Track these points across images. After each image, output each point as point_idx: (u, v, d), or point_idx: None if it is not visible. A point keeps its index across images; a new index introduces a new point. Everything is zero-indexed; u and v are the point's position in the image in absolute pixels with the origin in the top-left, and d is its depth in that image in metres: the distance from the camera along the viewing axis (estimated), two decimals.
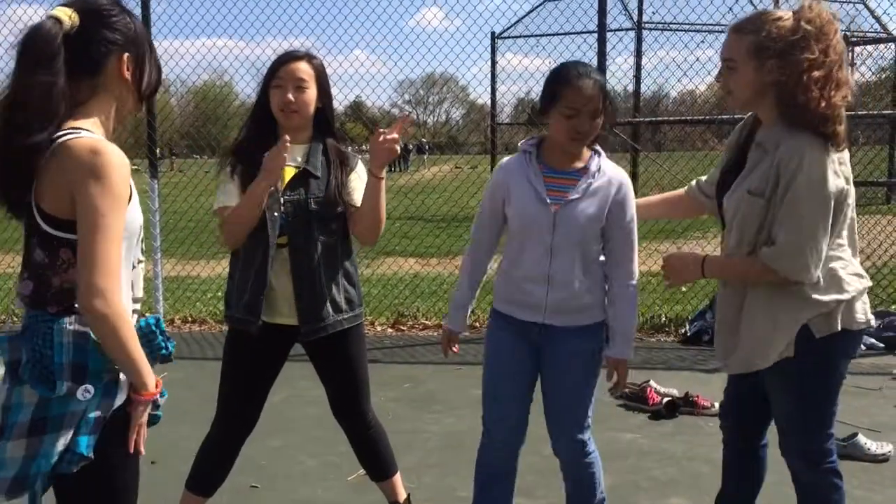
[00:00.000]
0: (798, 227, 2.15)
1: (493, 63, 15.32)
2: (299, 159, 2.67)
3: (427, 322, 6.51)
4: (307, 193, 2.63)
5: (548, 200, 2.41)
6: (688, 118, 9.23)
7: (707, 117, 8.85)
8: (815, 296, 2.23)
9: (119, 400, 1.72)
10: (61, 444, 1.64)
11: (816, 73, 2.14)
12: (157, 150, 6.81)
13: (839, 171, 2.20)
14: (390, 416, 3.02)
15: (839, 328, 2.25)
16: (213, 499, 2.86)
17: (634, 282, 2.47)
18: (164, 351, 1.83)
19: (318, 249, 2.64)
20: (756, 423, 2.57)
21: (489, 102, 16.86)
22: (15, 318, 6.92)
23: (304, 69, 2.63)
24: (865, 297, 2.33)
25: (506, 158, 2.58)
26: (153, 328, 1.81)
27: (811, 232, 2.16)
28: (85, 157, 1.63)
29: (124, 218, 1.66)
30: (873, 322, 2.39)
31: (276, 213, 2.59)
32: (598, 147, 2.49)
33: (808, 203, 2.14)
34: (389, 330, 6.42)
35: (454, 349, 2.69)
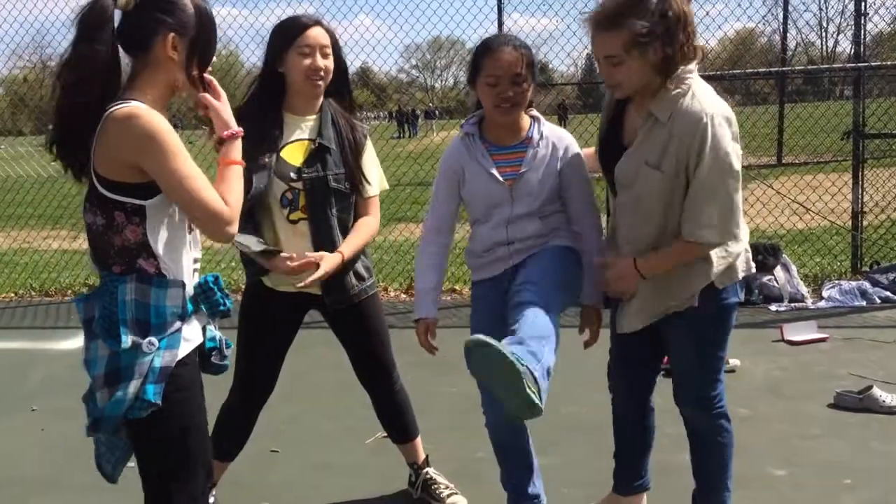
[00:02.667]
0: (720, 201, 2.22)
1: (500, 24, 15.12)
2: (310, 134, 2.66)
3: None
4: (325, 169, 2.63)
5: (500, 178, 2.46)
6: (699, 74, 9.08)
7: (718, 72, 8.72)
8: (722, 252, 2.32)
9: (183, 351, 1.83)
10: (132, 391, 1.77)
11: (690, 29, 2.21)
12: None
13: (733, 133, 2.26)
14: (407, 379, 3.06)
15: (738, 278, 2.39)
16: (234, 464, 2.91)
17: (601, 236, 2.54)
18: (222, 307, 1.94)
19: (336, 223, 2.66)
20: (644, 381, 2.67)
21: None
22: (33, 293, 7.00)
23: (325, 35, 2.60)
24: (746, 248, 2.44)
25: (448, 146, 2.59)
26: (211, 285, 1.92)
27: (732, 203, 2.23)
28: (127, 124, 1.74)
29: (190, 159, 1.79)
30: (753, 269, 2.49)
31: (261, 186, 2.56)
32: (535, 113, 2.52)
33: (720, 176, 2.20)
34: (403, 295, 6.45)
35: (433, 342, 2.58)
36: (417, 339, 2.59)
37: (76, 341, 5.48)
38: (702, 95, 2.24)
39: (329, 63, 2.61)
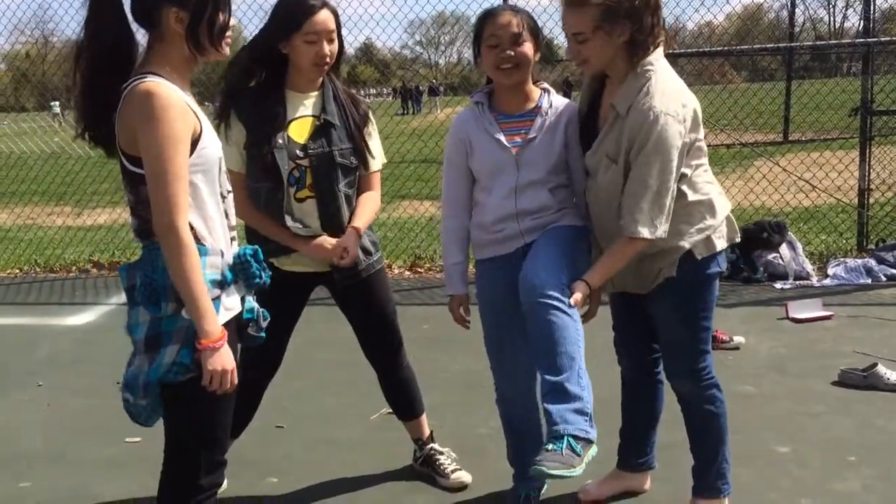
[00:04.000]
0: (650, 197, 2.24)
1: None
2: (314, 110, 2.63)
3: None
4: (330, 145, 2.61)
5: (507, 144, 2.46)
6: (706, 50, 9.01)
7: (725, 48, 8.64)
8: (699, 223, 2.37)
9: (223, 318, 1.87)
10: (170, 356, 1.82)
11: (657, 15, 2.26)
12: None
13: (685, 127, 2.26)
14: (410, 356, 3.06)
15: (716, 248, 2.41)
16: (240, 439, 2.92)
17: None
18: (257, 280, 1.97)
19: (343, 199, 2.65)
20: (648, 353, 2.70)
21: None
22: (37, 269, 7.01)
23: (331, 19, 2.56)
24: (728, 217, 2.47)
25: (457, 115, 2.59)
26: (248, 258, 1.95)
27: (661, 200, 2.25)
28: (138, 101, 1.76)
29: (186, 154, 1.79)
30: (737, 238, 2.51)
31: (285, 167, 2.55)
32: (545, 85, 2.54)
33: (657, 173, 2.23)
34: (407, 272, 6.45)
35: (467, 317, 2.62)
36: (451, 315, 2.63)
37: (81, 317, 5.50)
38: (658, 91, 2.25)
39: (335, 47, 2.58)
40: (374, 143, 2.75)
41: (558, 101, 2.52)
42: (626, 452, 2.82)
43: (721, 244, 2.44)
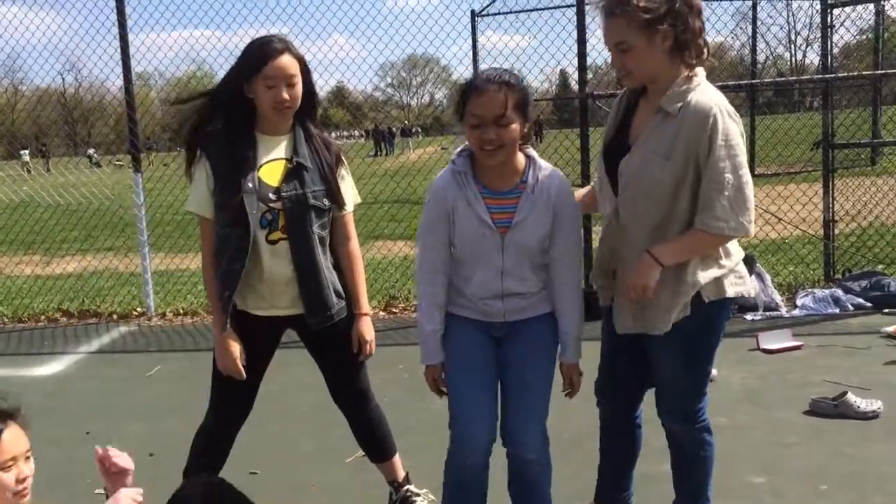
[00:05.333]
0: (731, 193, 2.22)
1: (475, 42, 15.24)
2: (285, 153, 2.65)
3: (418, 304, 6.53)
4: (303, 187, 2.62)
5: (493, 226, 2.39)
6: None
7: None
8: (711, 264, 2.33)
9: None
10: None
11: (701, 21, 2.25)
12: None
13: (741, 130, 2.28)
14: (386, 398, 3.05)
15: (727, 294, 2.36)
16: None
17: (582, 286, 2.53)
18: None
19: (316, 241, 2.65)
20: (633, 396, 2.68)
21: None
22: (6, 319, 6.89)
23: (291, 64, 2.57)
24: (741, 267, 2.43)
25: (437, 178, 2.48)
26: None
27: (743, 196, 2.23)
28: None
29: None
30: (752, 292, 2.50)
31: (254, 212, 2.56)
32: (531, 152, 2.43)
33: (731, 169, 2.21)
34: (381, 313, 6.44)
35: (443, 387, 2.55)
36: (427, 384, 2.57)
37: (50, 367, 5.40)
38: (711, 91, 2.27)
39: (296, 91, 2.59)
40: (347, 184, 2.77)
41: (544, 171, 2.43)
42: (603, 490, 2.81)
43: (731, 291, 2.38)
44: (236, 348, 2.63)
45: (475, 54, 16.03)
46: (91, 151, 27.33)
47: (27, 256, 8.86)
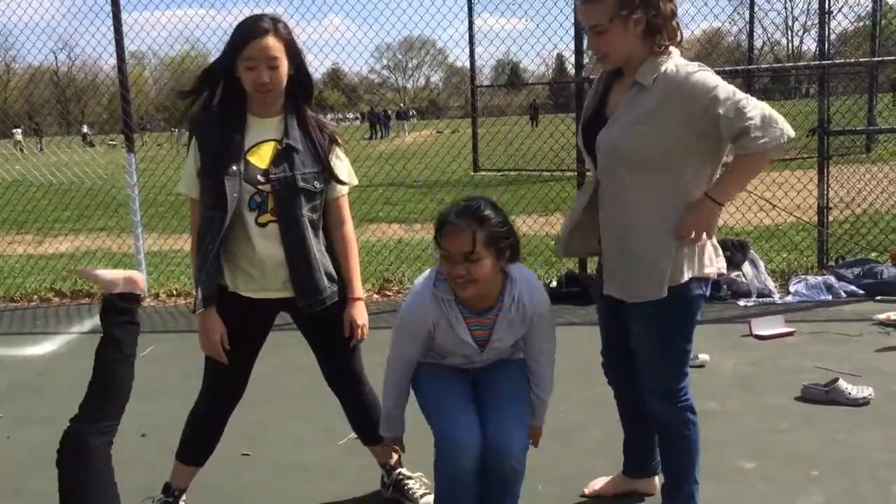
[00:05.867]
0: (750, 113, 2.25)
1: (471, 24, 15.16)
2: (276, 134, 2.63)
3: (412, 287, 6.52)
4: (293, 169, 2.59)
5: (472, 343, 2.51)
6: None
7: None
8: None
9: None
10: None
11: (672, 4, 2.35)
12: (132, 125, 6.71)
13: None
14: (377, 380, 3.05)
15: (705, 271, 2.44)
16: (207, 467, 2.88)
17: (551, 390, 2.66)
18: None
19: (306, 224, 2.63)
20: (635, 370, 2.72)
21: (468, 65, 16.76)
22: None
23: (274, 46, 2.52)
24: (716, 246, 2.50)
25: (415, 295, 2.51)
26: None
27: (761, 108, 2.26)
28: None
29: None
30: (724, 270, 2.53)
31: (234, 195, 2.54)
32: (510, 270, 2.45)
33: (734, 103, 2.25)
34: (375, 295, 6.44)
35: (403, 452, 2.83)
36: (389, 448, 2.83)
37: (42, 347, 5.39)
38: (682, 62, 2.35)
39: (278, 73, 2.54)
40: (342, 166, 2.74)
41: (520, 289, 2.46)
42: (630, 461, 2.89)
43: (709, 270, 2.45)
44: (216, 330, 2.62)
45: (471, 37, 15.96)
46: (85, 129, 27.17)
47: (19, 236, 8.82)
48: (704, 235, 2.40)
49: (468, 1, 14.86)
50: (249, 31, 2.52)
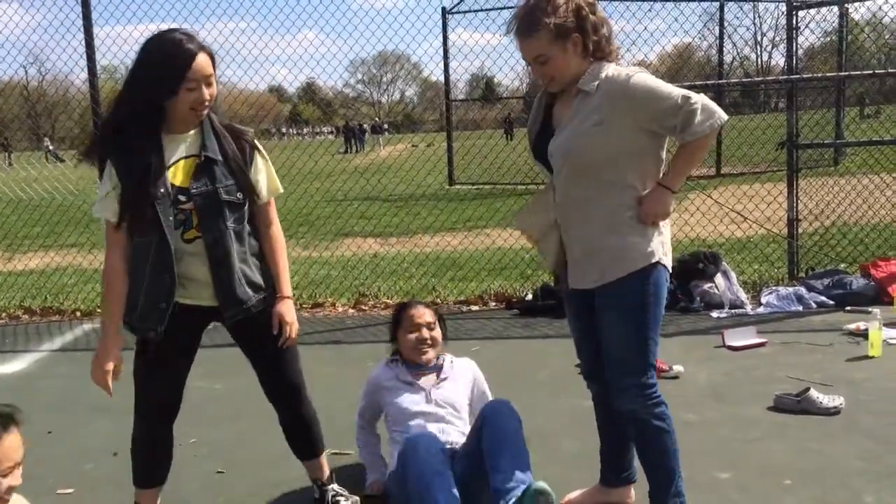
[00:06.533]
0: (688, 104, 2.42)
1: (445, 39, 15.22)
2: (193, 150, 2.58)
3: (388, 301, 6.52)
4: (214, 183, 2.56)
5: (420, 384, 3.13)
6: None
7: None
8: (650, 230, 2.54)
9: None
10: None
11: (606, 29, 2.53)
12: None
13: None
14: (355, 395, 3.05)
15: (663, 259, 2.56)
16: (180, 485, 2.85)
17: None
18: None
19: (231, 236, 2.60)
20: None
21: (443, 79, 16.83)
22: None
23: (207, 63, 2.48)
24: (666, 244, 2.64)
25: (376, 371, 3.26)
26: None
27: (690, 98, 2.43)
28: None
29: None
30: (668, 261, 2.62)
31: (171, 218, 2.52)
32: (447, 355, 3.26)
33: (672, 92, 2.44)
34: (351, 310, 6.41)
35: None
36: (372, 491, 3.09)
37: (12, 366, 5.30)
38: (619, 68, 2.50)
39: (213, 90, 2.52)
40: (263, 174, 2.70)
41: (460, 364, 3.28)
42: (607, 470, 2.90)
43: (667, 262, 2.57)
44: (111, 362, 2.59)
45: (446, 51, 16.02)
46: (47, 143, 26.72)
47: None
48: (661, 220, 2.56)
49: (442, 16, 14.95)
50: (186, 55, 2.44)
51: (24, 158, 13.68)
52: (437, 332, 3.20)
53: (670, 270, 2.61)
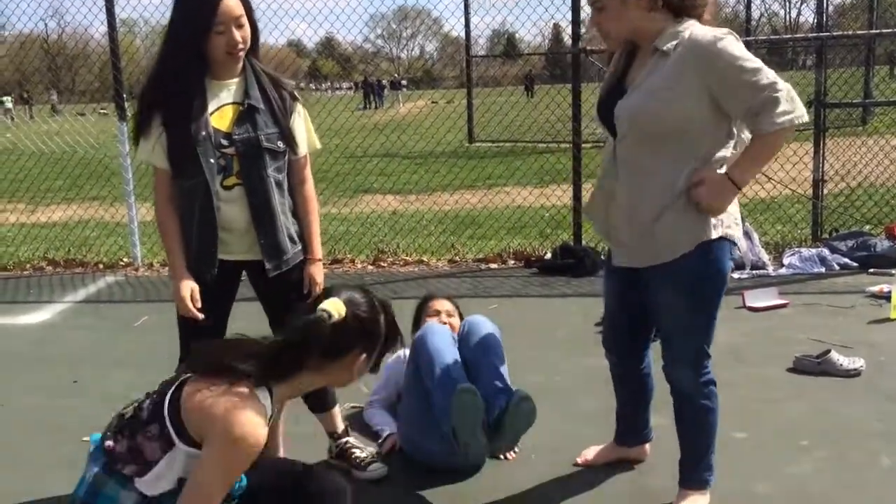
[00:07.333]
0: (761, 76, 2.21)
1: None
2: (237, 97, 2.60)
3: (407, 258, 6.52)
4: (256, 130, 2.57)
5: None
6: None
7: None
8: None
9: None
10: None
11: None
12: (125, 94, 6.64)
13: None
14: None
15: (728, 231, 2.39)
16: None
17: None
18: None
19: (272, 184, 2.62)
20: (637, 348, 2.73)
21: (463, 34, 16.61)
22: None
23: (237, 4, 2.50)
24: (737, 213, 2.47)
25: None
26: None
27: (779, 85, 2.22)
28: (227, 428, 1.79)
29: (229, 484, 1.87)
30: (742, 239, 2.48)
31: (212, 160, 2.53)
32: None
33: (743, 57, 2.22)
34: (370, 267, 6.43)
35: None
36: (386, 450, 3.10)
37: (36, 316, 5.39)
38: (704, 27, 2.28)
39: (245, 32, 2.53)
40: (301, 125, 2.72)
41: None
42: (624, 429, 2.90)
43: (733, 233, 2.41)
44: (187, 290, 2.60)
45: (467, 6, 15.80)
46: (54, 97, 26.68)
47: (11, 204, 8.77)
48: (714, 215, 2.36)
49: None
50: None
51: (45, 112, 13.72)
52: (456, 321, 3.28)
53: (737, 242, 2.42)
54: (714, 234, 2.36)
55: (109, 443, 1.90)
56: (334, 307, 1.94)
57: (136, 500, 1.83)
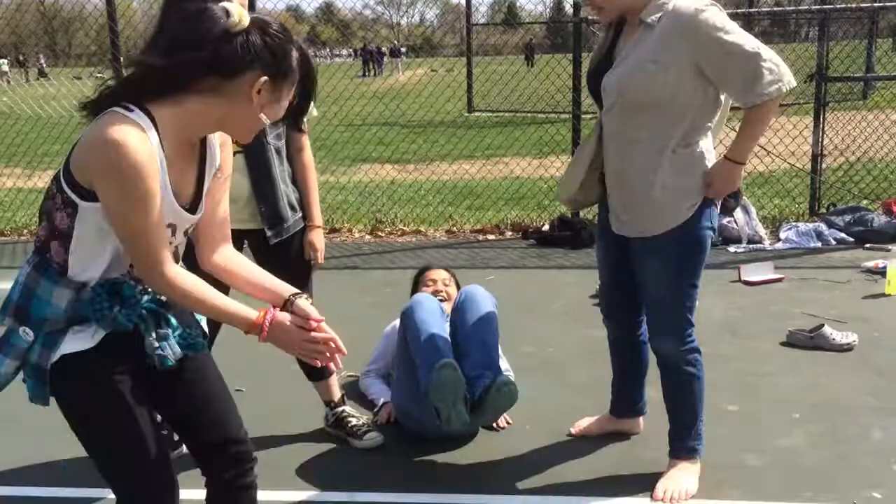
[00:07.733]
0: (755, 60, 2.25)
1: None
2: None
3: (405, 228, 6.53)
4: None
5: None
6: None
7: None
8: (706, 163, 2.43)
9: (61, 351, 1.69)
10: (5, 370, 1.73)
11: None
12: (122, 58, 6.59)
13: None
14: (368, 318, 3.08)
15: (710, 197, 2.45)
16: None
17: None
18: (105, 313, 1.69)
19: (272, 151, 2.64)
20: (632, 315, 2.77)
21: (464, 2, 16.44)
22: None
23: None
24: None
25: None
26: (99, 290, 1.70)
27: (764, 54, 2.26)
28: (95, 145, 1.56)
29: (151, 211, 1.59)
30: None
31: None
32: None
33: (741, 41, 2.26)
34: (367, 236, 6.44)
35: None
36: (382, 420, 3.13)
37: None
38: (687, 1, 2.29)
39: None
40: None
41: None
42: (619, 401, 2.93)
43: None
44: None
45: None
46: (41, 60, 26.30)
47: (8, 169, 8.73)
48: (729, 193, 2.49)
49: None
50: None
51: (31, 75, 13.58)
52: (453, 290, 3.32)
53: (716, 203, 2.51)
54: (698, 200, 2.42)
55: (39, 232, 1.73)
56: (236, 10, 1.56)
57: (70, 298, 1.66)
